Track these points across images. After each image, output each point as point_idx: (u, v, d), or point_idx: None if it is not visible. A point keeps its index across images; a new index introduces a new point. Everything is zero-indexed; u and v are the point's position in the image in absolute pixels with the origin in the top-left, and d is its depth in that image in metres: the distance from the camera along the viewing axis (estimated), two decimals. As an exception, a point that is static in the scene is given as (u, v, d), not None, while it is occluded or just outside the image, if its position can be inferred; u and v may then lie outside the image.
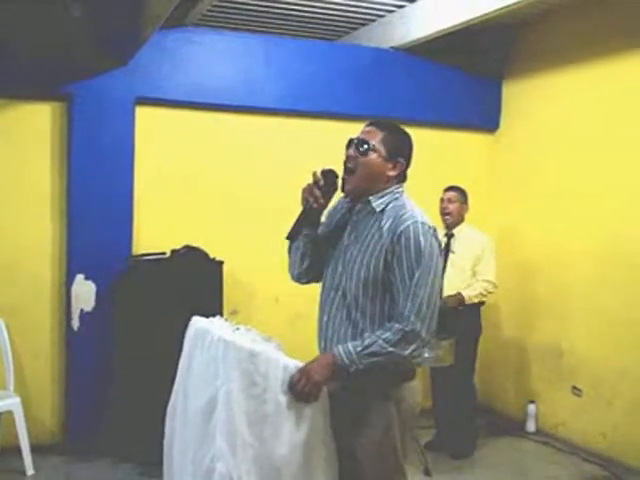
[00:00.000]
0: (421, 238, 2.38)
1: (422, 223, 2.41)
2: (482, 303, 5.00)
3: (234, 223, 5.34)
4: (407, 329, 2.36)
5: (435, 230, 2.47)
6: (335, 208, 2.69)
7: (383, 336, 2.37)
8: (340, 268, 2.53)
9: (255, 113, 5.37)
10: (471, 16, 4.83)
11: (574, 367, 5.23)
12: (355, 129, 2.89)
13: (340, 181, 2.55)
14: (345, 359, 2.37)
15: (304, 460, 2.40)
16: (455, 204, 5.00)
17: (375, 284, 2.43)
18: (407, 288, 2.37)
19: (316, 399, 2.39)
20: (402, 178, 2.57)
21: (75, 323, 4.89)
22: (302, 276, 2.70)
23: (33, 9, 4.49)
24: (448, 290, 4.93)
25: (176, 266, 4.77)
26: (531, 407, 5.52)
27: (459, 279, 4.90)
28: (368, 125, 2.57)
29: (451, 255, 4.98)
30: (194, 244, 4.88)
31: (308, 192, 2.52)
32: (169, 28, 4.85)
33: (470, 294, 4.86)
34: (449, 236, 5.03)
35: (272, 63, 5.32)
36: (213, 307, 4.34)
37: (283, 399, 2.39)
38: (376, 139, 2.50)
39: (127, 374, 4.68)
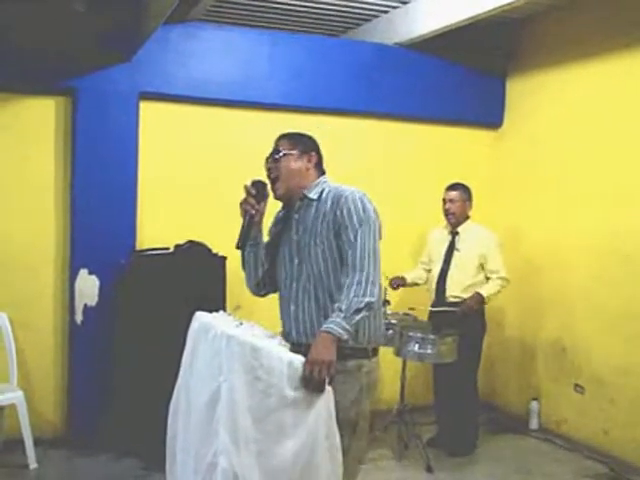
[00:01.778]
0: (359, 202, 2.72)
1: (357, 191, 2.76)
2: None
3: (237, 218, 5.31)
4: (365, 275, 2.64)
5: (368, 196, 2.78)
6: (274, 222, 3.01)
7: (351, 292, 2.61)
8: (296, 260, 2.81)
9: (258, 108, 5.36)
10: (475, 12, 4.82)
11: (577, 364, 5.23)
12: (359, 125, 2.93)
13: (270, 190, 2.87)
14: (340, 330, 2.54)
15: (308, 455, 2.41)
16: (457, 204, 4.97)
17: (333, 258, 2.73)
18: (356, 244, 2.68)
19: (329, 383, 2.46)
20: (322, 170, 2.92)
21: (78, 317, 4.90)
22: (260, 287, 2.98)
23: (37, 4, 4.49)
24: (451, 288, 4.93)
25: (179, 261, 4.77)
26: (534, 404, 5.52)
27: (464, 276, 4.90)
28: (276, 140, 2.94)
29: (456, 253, 4.96)
30: (198, 239, 4.89)
31: (245, 203, 2.86)
32: (173, 23, 4.85)
33: (490, 292, 4.85)
34: (453, 234, 5.02)
35: (276, 59, 5.31)
36: (216, 302, 4.34)
37: (287, 394, 2.39)
38: (285, 145, 2.88)
39: (130, 368, 4.68)
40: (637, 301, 4.76)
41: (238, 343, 2.45)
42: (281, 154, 2.86)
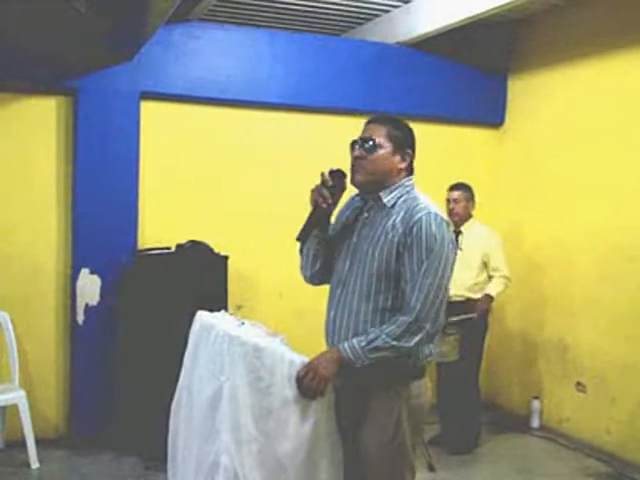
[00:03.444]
0: (434, 229, 2.38)
1: (435, 214, 2.42)
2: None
3: (239, 218, 5.34)
4: (411, 320, 2.36)
5: (448, 223, 2.48)
6: (345, 207, 2.68)
7: (386, 330, 2.37)
8: (348, 264, 2.53)
9: (260, 108, 5.36)
10: (476, 11, 4.81)
11: (579, 363, 5.23)
12: (360, 124, 2.88)
13: (348, 178, 2.54)
14: (350, 355, 2.38)
15: (309, 454, 2.41)
16: (461, 204, 4.98)
17: (388, 277, 2.42)
18: (415, 278, 2.37)
19: (322, 395, 2.40)
20: (410, 170, 2.58)
21: (80, 317, 4.90)
22: (315, 277, 2.70)
23: (39, 4, 4.48)
24: (455, 286, 4.90)
25: (181, 261, 4.77)
26: (535, 403, 5.52)
27: (466, 276, 4.88)
28: (369, 123, 2.57)
29: (459, 252, 4.94)
30: (199, 239, 4.89)
31: (317, 193, 2.50)
32: (174, 23, 4.85)
33: (497, 291, 4.92)
34: (456, 233, 5.01)
35: (277, 58, 5.31)
36: (218, 302, 4.33)
37: (288, 393, 2.39)
38: (381, 135, 2.50)
39: (132, 368, 4.69)
40: (639, 299, 4.76)
41: (240, 343, 2.45)
42: (373, 144, 2.48)
